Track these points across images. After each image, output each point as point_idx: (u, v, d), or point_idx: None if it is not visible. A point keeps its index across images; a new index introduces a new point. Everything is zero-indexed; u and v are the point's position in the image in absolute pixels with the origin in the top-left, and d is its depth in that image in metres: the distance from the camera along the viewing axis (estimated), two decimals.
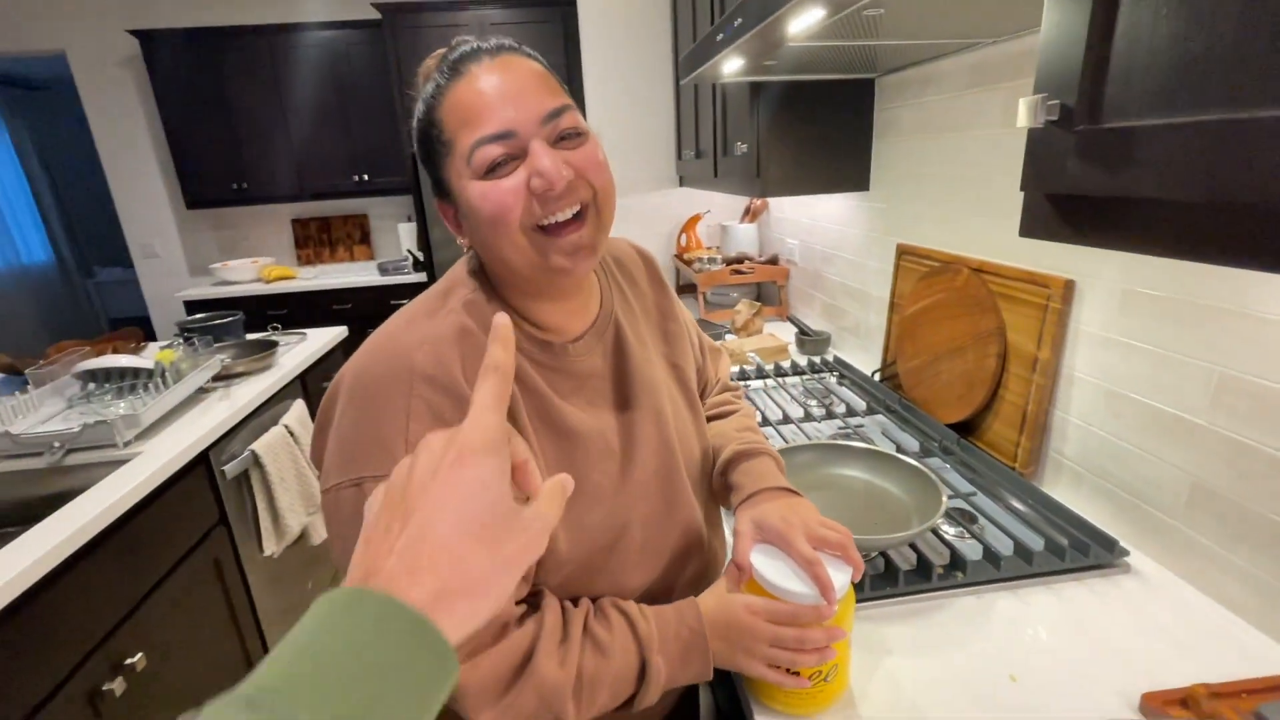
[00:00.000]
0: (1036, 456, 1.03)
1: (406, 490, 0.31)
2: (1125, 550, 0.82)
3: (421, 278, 3.50)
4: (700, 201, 2.51)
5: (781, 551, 0.62)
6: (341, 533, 0.54)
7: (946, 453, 1.10)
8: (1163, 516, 0.83)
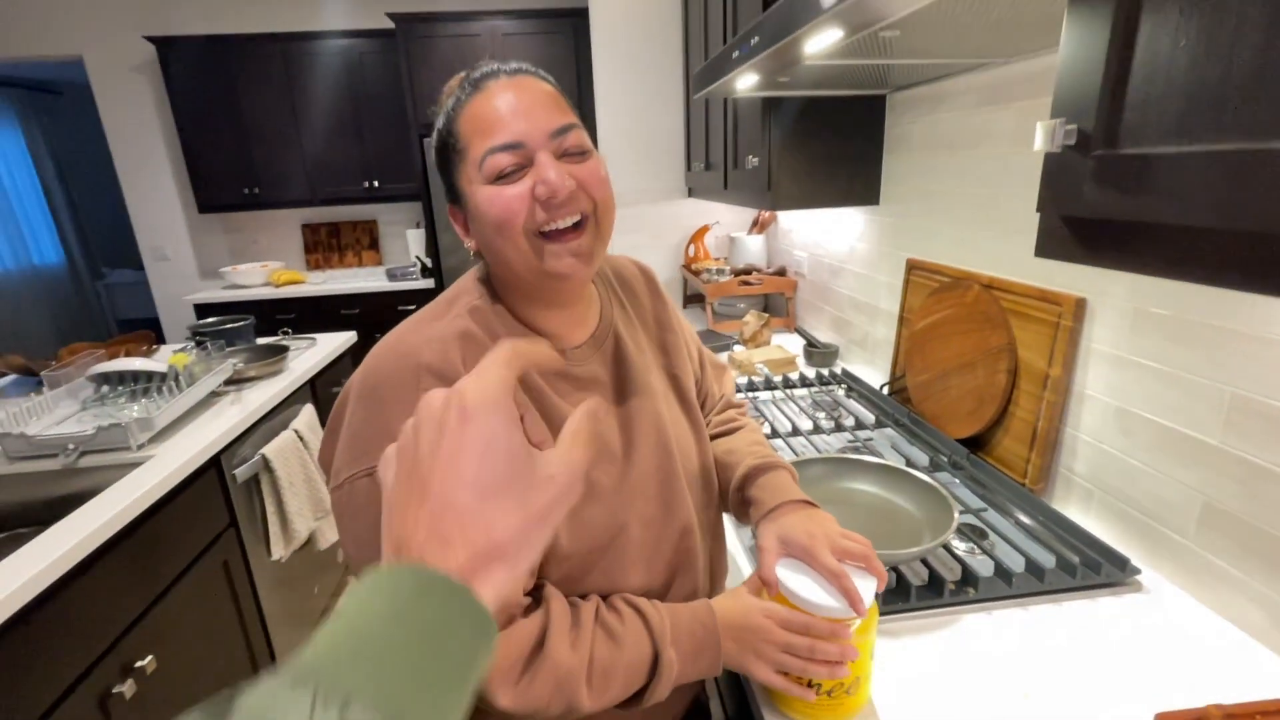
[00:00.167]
0: (1047, 473, 1.03)
1: (416, 454, 0.30)
2: (1137, 569, 0.82)
3: (429, 284, 3.52)
4: (708, 213, 2.53)
5: (806, 565, 0.63)
6: (354, 525, 0.55)
7: (956, 468, 1.10)
8: (1174, 535, 0.83)
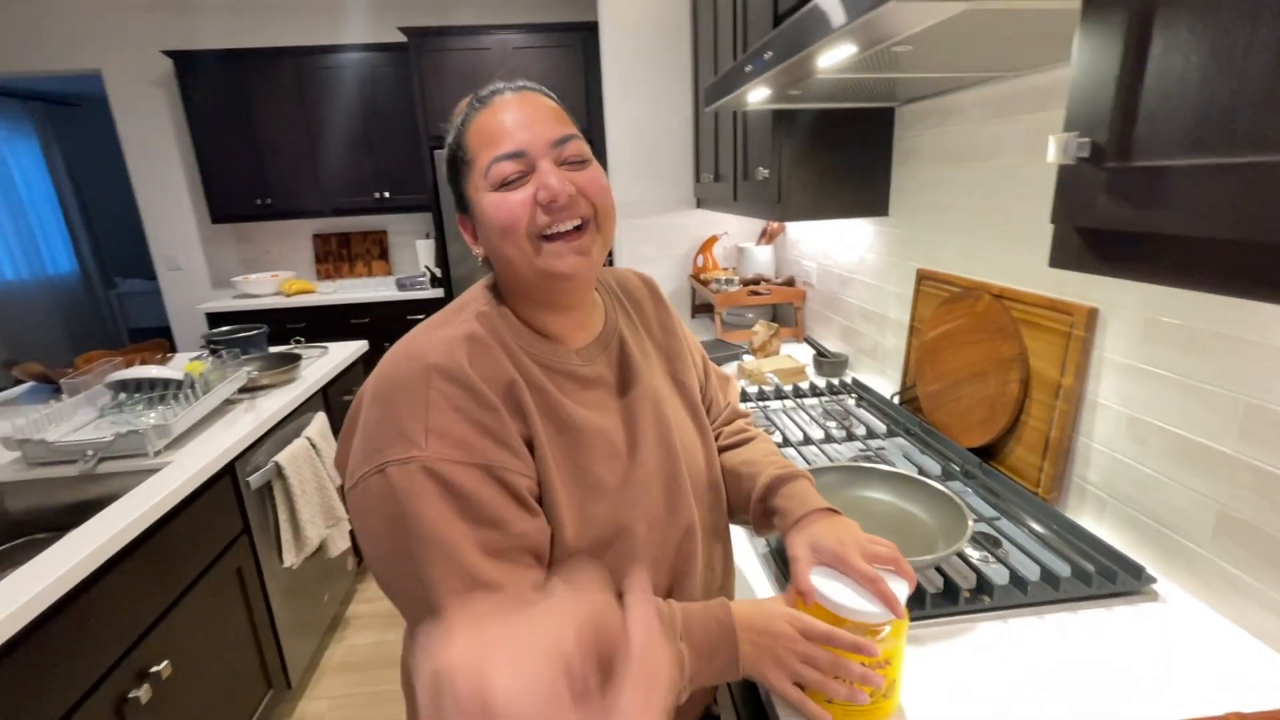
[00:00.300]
0: (1059, 482, 1.03)
1: None
2: (1153, 577, 0.82)
3: (439, 293, 3.55)
4: (717, 223, 2.55)
5: (838, 572, 0.62)
6: (366, 521, 0.57)
7: (968, 476, 1.10)
8: (1190, 544, 0.83)
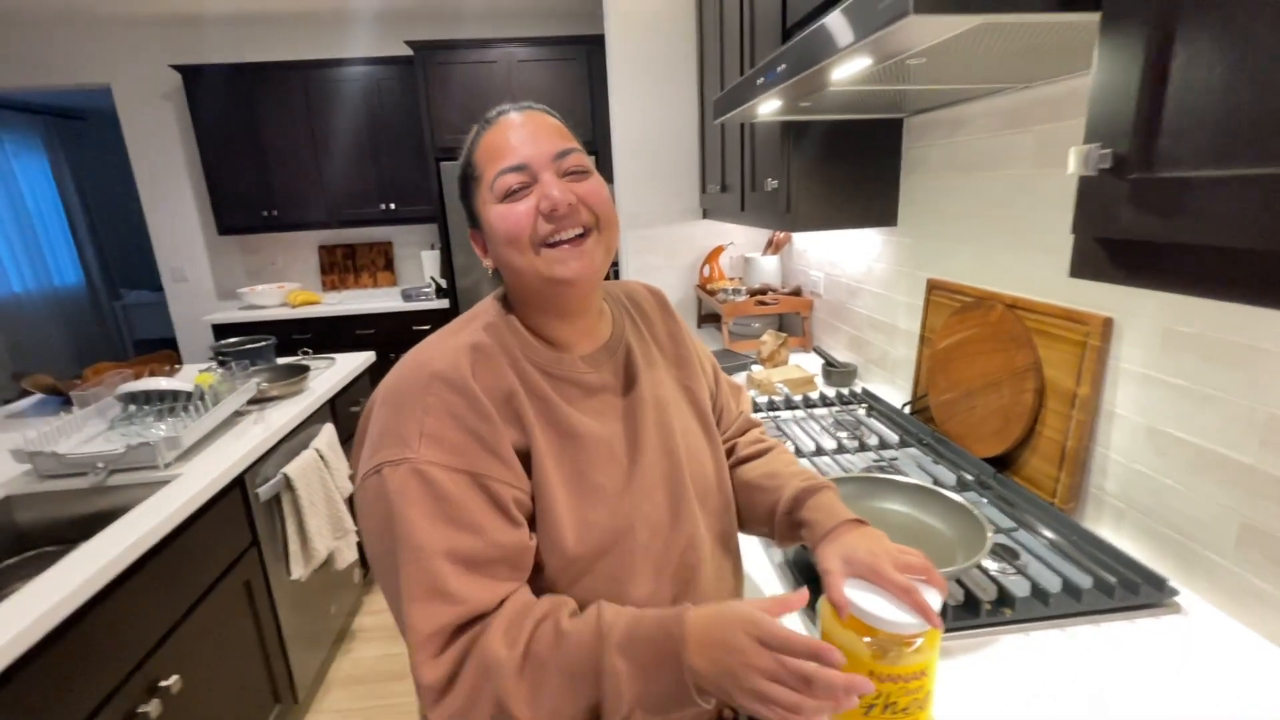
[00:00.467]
0: (1077, 492, 1.03)
1: None
2: (1175, 589, 0.81)
3: (444, 304, 3.56)
4: (723, 234, 2.56)
5: (871, 583, 0.62)
6: (365, 520, 0.60)
7: (984, 487, 1.10)
8: (1212, 555, 0.82)
